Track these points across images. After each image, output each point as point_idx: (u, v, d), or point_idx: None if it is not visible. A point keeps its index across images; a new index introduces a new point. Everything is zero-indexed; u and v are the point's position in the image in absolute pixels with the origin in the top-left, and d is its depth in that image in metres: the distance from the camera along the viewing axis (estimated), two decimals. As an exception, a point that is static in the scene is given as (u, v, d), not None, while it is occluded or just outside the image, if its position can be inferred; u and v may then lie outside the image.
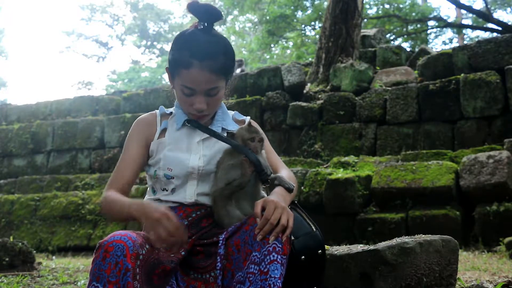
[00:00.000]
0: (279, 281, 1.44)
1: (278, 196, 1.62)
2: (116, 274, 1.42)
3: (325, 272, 1.84)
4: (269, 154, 1.88)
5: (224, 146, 1.79)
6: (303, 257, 1.56)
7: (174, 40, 1.78)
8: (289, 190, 1.70)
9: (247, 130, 1.79)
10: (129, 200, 1.67)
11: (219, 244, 1.58)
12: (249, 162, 1.69)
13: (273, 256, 1.46)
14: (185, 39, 1.74)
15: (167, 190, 1.78)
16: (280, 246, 1.48)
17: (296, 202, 1.71)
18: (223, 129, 1.85)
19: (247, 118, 1.96)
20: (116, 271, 1.42)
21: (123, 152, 1.84)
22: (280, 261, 1.46)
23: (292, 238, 1.54)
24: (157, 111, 1.91)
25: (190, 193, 1.76)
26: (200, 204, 1.77)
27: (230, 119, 1.90)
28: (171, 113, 1.89)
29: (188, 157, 1.76)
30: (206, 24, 1.74)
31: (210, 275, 1.62)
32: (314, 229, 1.63)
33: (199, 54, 1.67)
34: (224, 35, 1.83)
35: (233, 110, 2.01)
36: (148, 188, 1.88)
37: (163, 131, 1.83)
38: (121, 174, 1.79)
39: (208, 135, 1.81)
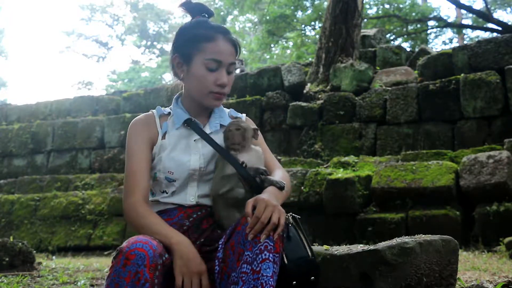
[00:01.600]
0: (271, 279, 1.43)
1: (269, 194, 1.61)
2: (135, 284, 1.41)
3: (325, 272, 1.84)
4: (264, 153, 1.87)
5: (222, 144, 1.79)
6: (295, 282, 1.52)
7: (184, 27, 1.81)
8: (280, 188, 1.68)
9: (232, 123, 1.81)
10: (167, 228, 1.63)
11: (218, 248, 1.57)
12: (241, 178, 1.68)
13: (265, 254, 1.45)
14: (197, 22, 1.80)
15: (167, 193, 1.76)
16: (272, 244, 1.47)
17: (298, 218, 1.66)
18: (221, 125, 1.85)
19: (243, 116, 1.96)
20: (135, 281, 1.42)
21: (131, 156, 1.76)
22: (272, 260, 1.45)
23: (286, 261, 1.52)
24: (154, 111, 1.87)
25: (191, 196, 1.76)
26: (201, 205, 1.76)
27: (227, 116, 1.90)
28: (169, 113, 1.86)
29: (189, 158, 1.75)
30: (206, 15, 1.82)
31: (209, 279, 1.62)
32: (310, 255, 1.57)
33: (220, 28, 1.77)
34: None
35: (233, 109, 2.02)
36: None
37: (165, 132, 1.81)
38: (139, 181, 1.72)
39: (206, 133, 1.81)
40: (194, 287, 1.55)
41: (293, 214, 1.65)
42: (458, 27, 18.92)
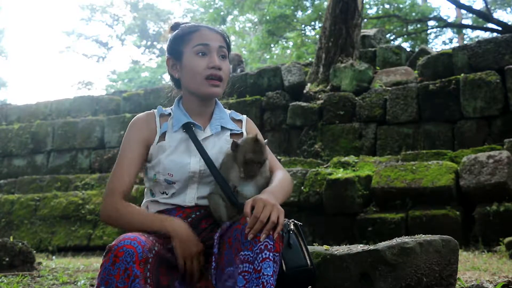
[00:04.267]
0: (271, 278, 1.45)
1: (268, 194, 1.61)
2: (124, 280, 1.43)
3: (325, 272, 1.84)
4: None
5: (224, 146, 1.78)
6: None
7: (174, 36, 1.87)
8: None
9: (253, 149, 1.69)
10: (156, 215, 1.72)
11: (214, 244, 1.58)
12: (233, 207, 1.67)
13: (265, 254, 1.46)
14: (182, 25, 1.87)
15: (167, 194, 1.77)
16: (272, 243, 1.48)
17: (300, 225, 1.66)
18: (222, 127, 1.84)
19: (244, 118, 1.96)
20: (125, 277, 1.43)
21: (121, 155, 1.79)
22: (272, 259, 1.46)
23: (284, 269, 1.53)
24: (155, 111, 1.88)
25: (190, 197, 1.76)
26: (200, 206, 1.76)
27: (227, 117, 1.89)
28: (169, 114, 1.86)
29: (189, 160, 1.74)
30: None
31: (209, 274, 1.63)
32: (309, 264, 1.58)
33: (204, 24, 1.86)
34: None
35: (233, 110, 2.00)
36: (146, 190, 1.85)
37: (163, 133, 1.81)
38: (122, 181, 1.75)
39: (206, 136, 1.80)
40: (194, 267, 1.62)
41: (294, 221, 1.65)
42: (458, 27, 18.92)
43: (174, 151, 1.76)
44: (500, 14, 25.89)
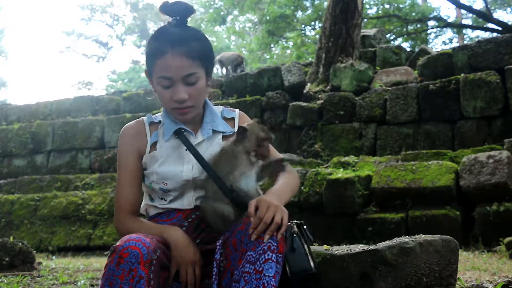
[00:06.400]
0: (273, 279, 1.44)
1: (272, 194, 1.61)
2: (129, 281, 1.43)
3: (325, 272, 1.84)
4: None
5: (217, 150, 1.74)
6: None
7: (150, 37, 1.76)
8: (293, 162, 1.72)
9: (262, 128, 1.72)
10: (158, 225, 1.71)
11: (216, 250, 1.57)
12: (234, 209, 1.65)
13: (268, 255, 1.46)
14: (157, 32, 1.73)
15: (165, 200, 1.77)
16: (275, 244, 1.47)
17: (305, 228, 1.65)
18: (213, 131, 1.80)
19: (236, 114, 1.90)
20: (129, 278, 1.43)
21: (119, 169, 1.79)
22: (275, 260, 1.46)
23: (288, 273, 1.53)
24: (145, 119, 1.85)
25: (188, 201, 1.75)
26: (199, 206, 1.76)
27: (219, 119, 1.84)
28: (159, 122, 1.83)
29: (181, 168, 1.72)
30: (178, 18, 1.73)
31: (209, 281, 1.62)
32: (313, 268, 1.57)
33: (170, 41, 1.65)
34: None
35: (224, 107, 1.94)
36: (145, 194, 1.84)
37: (154, 142, 1.79)
38: (125, 196, 1.76)
39: (199, 141, 1.77)
40: (188, 276, 1.59)
41: (298, 222, 1.65)
42: (458, 27, 18.92)
43: (166, 161, 1.74)
44: (500, 14, 25.92)
